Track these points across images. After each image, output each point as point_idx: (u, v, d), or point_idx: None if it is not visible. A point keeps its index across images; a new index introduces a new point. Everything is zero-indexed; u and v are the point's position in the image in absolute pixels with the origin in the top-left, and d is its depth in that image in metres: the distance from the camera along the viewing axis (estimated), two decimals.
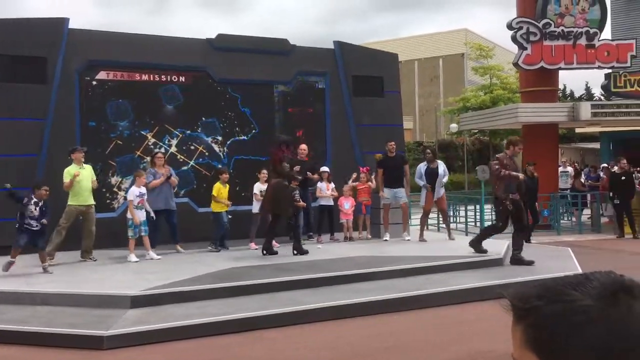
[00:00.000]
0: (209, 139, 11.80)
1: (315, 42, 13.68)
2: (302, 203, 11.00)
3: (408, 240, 11.35)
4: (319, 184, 11.41)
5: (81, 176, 9.34)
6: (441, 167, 11.39)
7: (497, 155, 9.95)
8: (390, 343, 6.13)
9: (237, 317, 6.56)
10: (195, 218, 11.12)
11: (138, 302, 6.91)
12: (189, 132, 11.61)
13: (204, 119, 11.72)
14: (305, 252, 9.71)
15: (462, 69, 48.47)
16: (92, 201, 9.52)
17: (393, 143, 11.50)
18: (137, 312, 6.67)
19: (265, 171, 10.59)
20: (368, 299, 7.30)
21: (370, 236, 11.73)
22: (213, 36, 11.84)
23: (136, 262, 9.09)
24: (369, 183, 11.67)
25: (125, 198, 10.08)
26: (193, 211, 11.29)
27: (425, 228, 12.04)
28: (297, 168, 10.16)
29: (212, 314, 6.59)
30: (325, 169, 11.53)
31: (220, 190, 10.34)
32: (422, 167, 11.51)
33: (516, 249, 9.47)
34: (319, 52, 12.75)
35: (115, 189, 11.01)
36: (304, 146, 11.34)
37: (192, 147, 11.65)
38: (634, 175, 15.52)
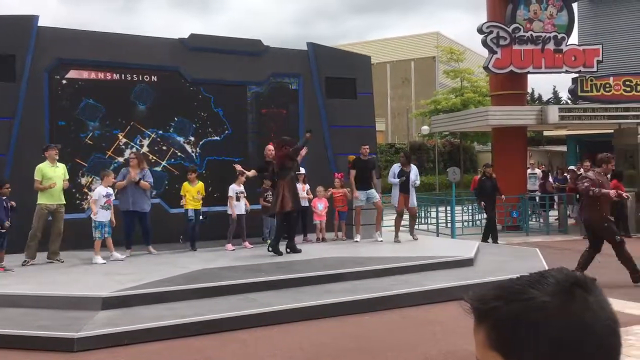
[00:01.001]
0: (182, 140, 11.73)
1: (288, 44, 13.72)
2: None
3: (381, 241, 11.44)
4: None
5: (53, 174, 9.25)
6: (413, 171, 11.55)
7: (586, 174, 9.11)
8: (362, 343, 6.19)
9: (209, 319, 6.55)
10: (167, 219, 11.04)
11: (109, 303, 6.84)
12: (161, 132, 11.52)
13: (176, 119, 11.65)
14: (299, 251, 9.93)
15: (433, 71, 48.99)
16: (62, 200, 9.41)
17: (367, 147, 11.64)
18: (108, 314, 6.61)
19: (242, 176, 10.64)
20: (340, 299, 7.35)
21: (345, 237, 11.80)
22: (185, 36, 11.78)
23: (103, 263, 9.01)
24: (345, 190, 11.74)
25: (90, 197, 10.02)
26: (165, 212, 11.21)
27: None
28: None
29: (184, 316, 6.56)
30: (300, 170, 11.56)
31: (186, 188, 10.30)
32: (396, 167, 11.69)
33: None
34: (292, 54, 12.78)
35: (85, 190, 10.86)
36: (271, 147, 11.31)
37: (164, 148, 11.57)
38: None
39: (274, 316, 6.84)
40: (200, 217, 10.45)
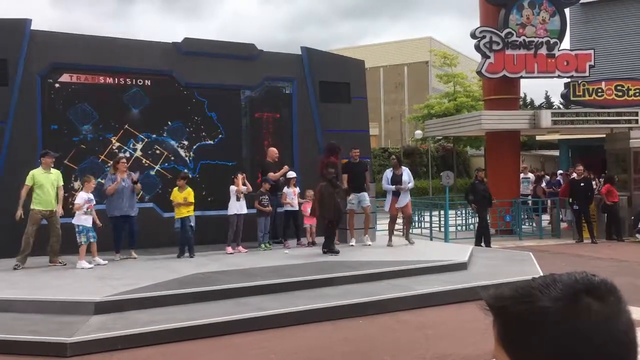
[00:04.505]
0: (175, 144, 11.70)
1: (280, 48, 13.75)
2: (269, 208, 11.04)
3: (369, 245, 11.45)
4: (285, 190, 11.43)
5: (44, 181, 9.24)
6: (405, 173, 11.58)
7: None
8: (356, 347, 6.18)
9: (203, 323, 6.52)
10: (160, 223, 11.00)
11: (102, 308, 6.81)
12: (154, 136, 11.49)
13: (169, 123, 11.62)
14: (337, 252, 10.14)
15: (426, 76, 49.11)
16: (54, 206, 9.38)
17: (358, 151, 11.70)
18: (101, 319, 6.57)
19: (241, 175, 10.70)
20: (333, 303, 7.34)
21: (338, 241, 11.77)
22: (179, 40, 11.77)
23: (89, 268, 8.98)
24: None
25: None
26: (158, 216, 11.17)
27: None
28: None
29: (178, 320, 6.53)
30: (292, 174, 11.56)
31: (174, 194, 10.26)
32: (388, 173, 11.76)
33: None
34: (286, 58, 12.78)
35: (77, 194, 10.79)
36: (274, 149, 11.58)
37: (158, 152, 11.54)
38: (593, 182, 15.98)
39: (268, 320, 6.82)
40: (191, 224, 10.32)
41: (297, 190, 11.62)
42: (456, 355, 5.71)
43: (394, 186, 11.50)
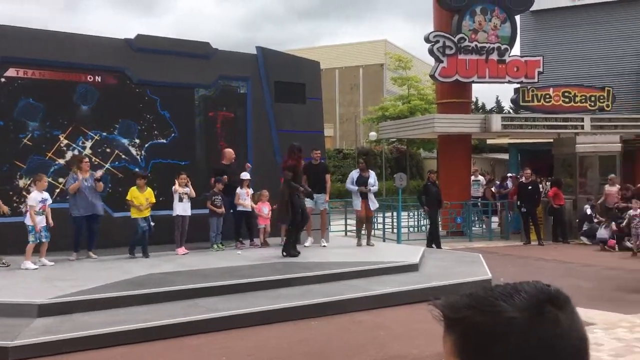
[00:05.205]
0: (126, 142, 11.45)
1: (234, 47, 13.64)
2: (222, 209, 10.93)
3: (325, 246, 11.49)
4: (238, 190, 11.33)
5: None
6: (372, 176, 11.73)
7: None
8: (312, 348, 6.18)
9: (155, 325, 6.40)
10: (110, 223, 10.73)
11: (46, 310, 6.59)
12: (104, 134, 11.21)
13: (120, 120, 11.36)
14: (296, 255, 10.02)
15: (381, 78, 49.62)
16: None
17: (319, 152, 11.74)
18: (45, 321, 6.36)
19: (182, 175, 10.55)
20: (289, 304, 7.33)
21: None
22: (131, 36, 11.52)
23: (34, 269, 8.70)
24: None
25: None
26: (108, 216, 10.89)
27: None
28: (225, 178, 10.85)
29: (128, 322, 6.39)
30: (245, 175, 11.46)
31: (135, 194, 10.05)
32: (354, 174, 11.89)
33: None
34: (241, 57, 12.68)
35: (24, 192, 10.44)
36: (230, 151, 11.50)
37: (108, 150, 11.26)
38: (540, 185, 16.45)
39: (224, 322, 6.76)
40: (150, 224, 10.16)
41: (251, 191, 11.54)
42: (408, 355, 5.77)
43: (356, 187, 11.59)
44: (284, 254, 10.12)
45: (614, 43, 27.58)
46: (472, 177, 18.67)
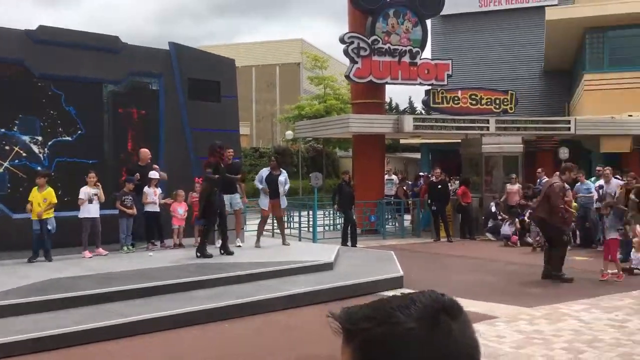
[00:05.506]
0: (27, 139, 10.80)
1: (148, 42, 13.21)
2: (132, 210, 10.57)
3: (239, 246, 11.37)
4: (146, 189, 10.97)
5: None
6: (283, 175, 11.67)
7: (557, 183, 9.77)
8: (222, 352, 6.09)
9: (56, 333, 6.07)
10: (9, 225, 10.10)
11: None
12: (2, 130, 10.53)
13: (21, 116, 10.71)
14: (210, 256, 9.79)
15: (298, 77, 49.81)
16: None
17: (231, 151, 11.58)
18: None
19: (92, 174, 10.11)
20: (201, 307, 7.18)
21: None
22: (33, 27, 10.89)
23: None
24: None
25: None
26: (7, 217, 10.25)
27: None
28: (137, 176, 10.60)
29: (26, 331, 6.02)
30: (154, 174, 11.12)
31: (33, 194, 9.52)
32: (264, 172, 11.78)
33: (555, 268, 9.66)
34: (153, 53, 12.30)
35: None
36: (146, 151, 11.19)
37: (7, 147, 10.58)
38: (449, 183, 17.07)
39: (132, 327, 6.52)
40: (49, 227, 9.62)
41: (159, 190, 11.23)
42: (316, 356, 5.80)
43: (262, 187, 11.53)
44: (198, 254, 9.92)
45: (517, 48, 29.13)
46: (386, 176, 19.10)
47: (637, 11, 19.99)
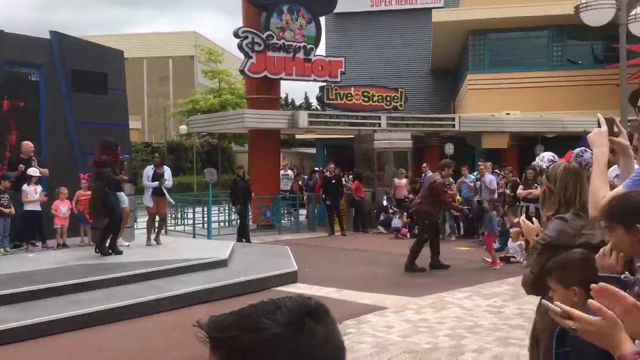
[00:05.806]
0: None
1: (26, 30, 12.35)
2: (9, 209, 9.89)
3: (128, 245, 10.96)
4: (25, 187, 10.30)
5: None
6: (167, 172, 11.44)
7: (438, 180, 10.41)
8: (111, 354, 5.86)
9: None
10: None
11: None
12: None
13: None
14: (107, 254, 9.49)
15: (191, 71, 48.77)
16: None
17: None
18: None
19: None
20: (85, 310, 6.85)
21: (93, 242, 11.03)
22: None
23: None
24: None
25: None
26: None
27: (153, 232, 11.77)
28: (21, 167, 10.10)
29: None
30: (33, 171, 10.45)
31: None
32: (149, 170, 11.54)
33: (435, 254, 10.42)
34: (32, 41, 11.52)
35: None
36: (28, 143, 10.52)
37: None
38: (343, 178, 17.42)
39: (10, 334, 6.11)
40: None
41: (39, 188, 10.58)
42: (203, 356, 5.73)
43: (155, 183, 11.25)
44: (97, 251, 9.65)
45: (406, 48, 30.26)
46: (282, 171, 19.16)
47: (516, 15, 21.37)
